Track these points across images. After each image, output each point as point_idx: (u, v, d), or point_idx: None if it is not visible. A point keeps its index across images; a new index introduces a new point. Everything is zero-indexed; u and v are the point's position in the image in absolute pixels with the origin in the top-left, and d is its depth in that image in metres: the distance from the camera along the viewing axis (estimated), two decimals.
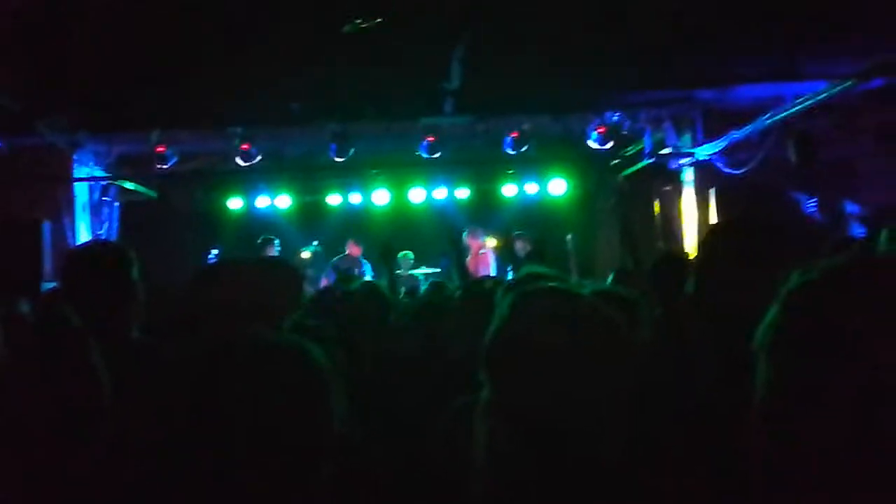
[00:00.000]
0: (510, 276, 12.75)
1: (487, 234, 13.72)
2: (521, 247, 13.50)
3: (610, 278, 7.19)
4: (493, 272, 12.91)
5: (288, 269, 3.13)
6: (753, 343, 1.31)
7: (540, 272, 3.43)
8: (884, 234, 3.83)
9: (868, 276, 1.23)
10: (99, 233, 11.93)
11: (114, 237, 12.09)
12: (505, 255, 13.53)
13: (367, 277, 11.46)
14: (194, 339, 2.56)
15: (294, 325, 2.94)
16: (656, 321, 4.09)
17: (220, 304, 2.84)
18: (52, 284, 10.30)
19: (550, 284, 2.06)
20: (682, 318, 3.54)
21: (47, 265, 10.92)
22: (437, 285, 9.04)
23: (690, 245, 11.52)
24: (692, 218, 11.63)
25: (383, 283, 8.25)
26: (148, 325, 3.54)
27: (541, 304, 1.87)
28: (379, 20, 6.62)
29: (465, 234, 13.29)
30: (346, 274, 10.13)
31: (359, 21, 6.65)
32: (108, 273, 3.42)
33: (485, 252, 13.25)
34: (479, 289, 4.69)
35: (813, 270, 1.27)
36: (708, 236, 2.70)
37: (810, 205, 10.07)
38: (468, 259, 13.17)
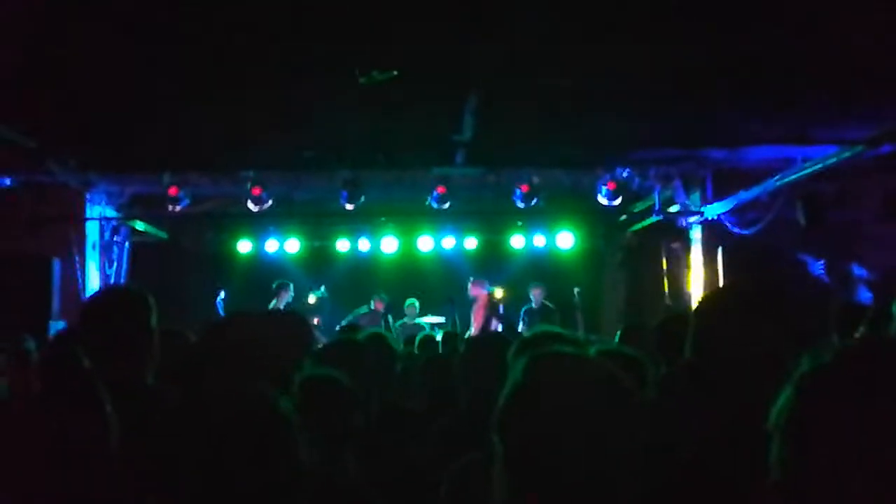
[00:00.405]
0: (521, 326, 12.79)
1: (494, 286, 13.76)
2: (536, 296, 13.55)
3: (617, 336, 7.21)
4: (500, 324, 12.91)
5: (298, 321, 3.16)
6: (767, 422, 1.34)
7: (552, 331, 3.46)
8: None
9: (879, 362, 1.26)
10: (108, 272, 11.98)
11: (123, 277, 12.15)
12: (511, 305, 13.57)
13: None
14: (197, 390, 2.60)
15: (305, 376, 2.97)
16: (661, 381, 4.11)
17: (229, 356, 2.87)
18: (60, 323, 10.37)
19: (562, 348, 2.10)
20: (681, 378, 3.56)
21: (56, 303, 10.98)
22: (450, 336, 9.06)
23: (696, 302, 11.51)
24: (699, 276, 11.64)
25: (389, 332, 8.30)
26: (161, 370, 3.56)
27: (554, 369, 1.92)
28: (395, 72, 6.70)
29: (469, 284, 13.34)
30: (352, 324, 10.16)
31: (375, 73, 6.73)
32: (128, 319, 3.44)
33: (493, 303, 13.25)
34: (487, 344, 4.71)
35: (825, 353, 1.30)
36: (705, 300, 2.72)
37: (818, 267, 10.08)
38: (473, 308, 13.20)
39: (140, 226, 12.85)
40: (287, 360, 2.94)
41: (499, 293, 14.14)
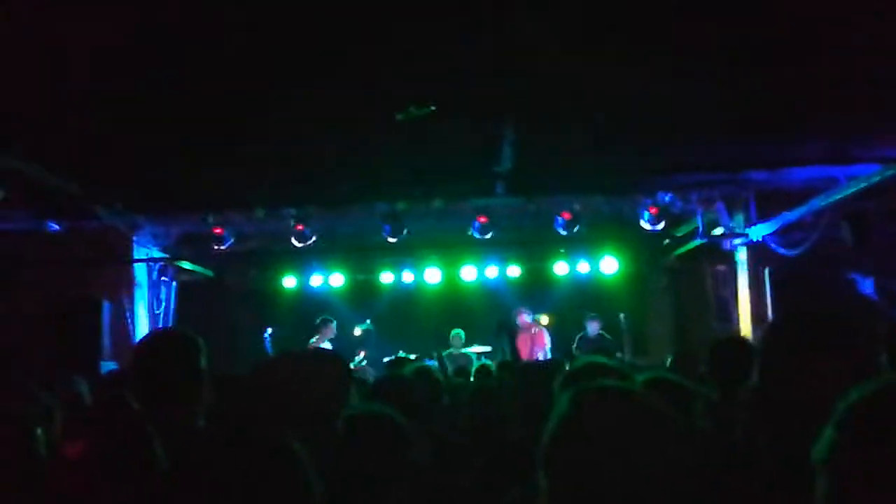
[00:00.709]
0: (574, 355, 12.74)
1: (539, 313, 13.75)
2: (593, 328, 13.50)
3: (668, 361, 7.17)
4: (548, 350, 12.89)
5: (337, 361, 3.19)
6: (812, 456, 1.35)
7: (598, 361, 3.46)
8: None
9: None
10: (157, 312, 12.13)
11: (171, 316, 12.29)
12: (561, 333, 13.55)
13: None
14: (240, 434, 2.64)
15: (353, 413, 2.99)
16: (713, 408, 4.08)
17: (271, 400, 2.91)
18: (111, 364, 10.50)
19: (609, 382, 2.10)
20: (744, 410, 3.53)
21: (107, 344, 11.13)
22: (484, 369, 9.05)
23: (745, 326, 11.42)
24: (746, 298, 11.55)
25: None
26: (213, 412, 3.60)
27: (599, 404, 1.93)
28: (432, 108, 6.76)
29: (514, 314, 13.35)
30: (399, 359, 10.18)
31: (412, 109, 6.79)
32: (178, 362, 3.49)
33: (539, 330, 13.24)
34: (534, 374, 4.71)
35: (867, 387, 1.31)
36: (774, 327, 2.70)
37: (866, 286, 9.97)
38: (519, 337, 13.18)
39: (186, 265, 13.00)
40: (328, 400, 2.96)
41: (544, 320, 14.13)
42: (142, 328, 11.66)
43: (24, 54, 5.75)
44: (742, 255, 11.73)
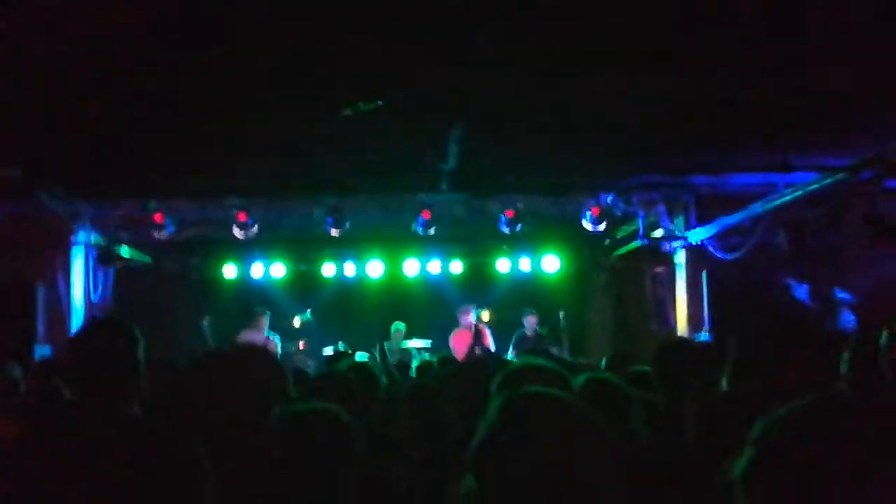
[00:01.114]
0: (511, 352, 12.80)
1: (481, 309, 13.78)
2: (530, 323, 13.55)
3: (603, 362, 7.24)
4: (491, 347, 12.91)
5: (269, 362, 3.18)
6: (729, 475, 1.38)
7: (538, 364, 3.48)
8: (884, 336, 3.82)
9: (830, 421, 1.30)
10: (93, 298, 11.95)
11: (108, 302, 12.11)
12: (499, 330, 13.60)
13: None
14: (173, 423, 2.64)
15: (298, 410, 2.99)
16: (654, 412, 4.12)
17: (206, 397, 2.90)
18: (45, 348, 10.35)
19: (538, 389, 2.11)
20: (695, 414, 3.58)
21: (41, 329, 10.96)
22: (425, 365, 9.07)
23: (682, 328, 11.57)
24: (683, 301, 11.70)
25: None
26: (147, 399, 3.60)
27: (529, 412, 1.93)
28: (380, 103, 6.75)
29: (458, 311, 13.38)
30: (337, 353, 10.16)
31: (360, 104, 6.78)
32: (115, 352, 3.49)
33: (482, 328, 13.24)
34: (471, 372, 4.72)
35: (782, 412, 1.34)
36: (747, 332, 2.71)
37: (802, 291, 10.16)
38: (453, 333, 13.23)
39: (125, 251, 12.82)
40: (260, 397, 2.94)
41: (486, 316, 14.17)
42: (78, 313, 11.49)
43: None
44: (681, 258, 11.88)
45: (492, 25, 5.52)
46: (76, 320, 11.41)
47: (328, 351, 13.59)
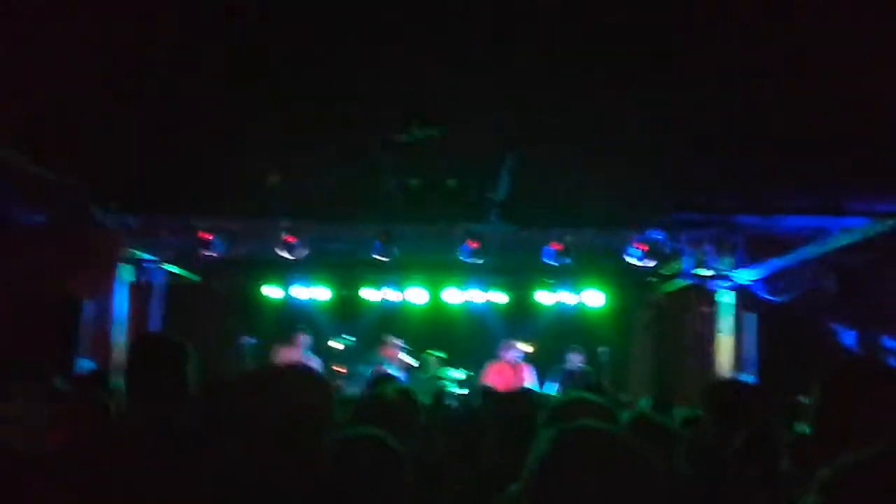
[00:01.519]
0: (557, 387, 12.69)
1: (522, 341, 13.71)
2: (574, 361, 13.39)
3: (650, 403, 7.20)
4: (531, 383, 12.74)
5: (319, 378, 3.17)
6: None
7: (586, 398, 3.47)
8: None
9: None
10: (141, 314, 12.10)
11: (156, 319, 12.26)
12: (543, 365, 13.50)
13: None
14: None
15: (346, 437, 3.00)
16: (699, 450, 4.09)
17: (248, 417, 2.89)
18: (87, 362, 10.47)
19: (590, 423, 2.12)
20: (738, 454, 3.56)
21: (84, 342, 11.08)
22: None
23: (724, 369, 11.46)
24: (729, 341, 11.60)
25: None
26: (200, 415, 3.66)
27: (581, 446, 1.95)
28: (435, 131, 6.80)
29: (499, 345, 13.31)
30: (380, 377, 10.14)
31: (415, 131, 6.83)
32: (168, 367, 3.58)
33: (519, 363, 13.13)
34: (514, 404, 4.73)
35: (850, 459, 1.33)
36: (832, 380, 2.66)
37: (849, 337, 10.03)
38: (491, 366, 13.12)
39: (173, 269, 12.97)
40: (311, 418, 2.93)
41: (528, 348, 14.07)
42: (121, 329, 11.63)
43: (25, 47, 5.76)
44: (726, 298, 11.79)
45: (550, 55, 5.54)
46: (120, 336, 11.55)
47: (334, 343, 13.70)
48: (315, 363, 12.73)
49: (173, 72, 6.12)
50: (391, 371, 12.19)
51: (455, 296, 14.90)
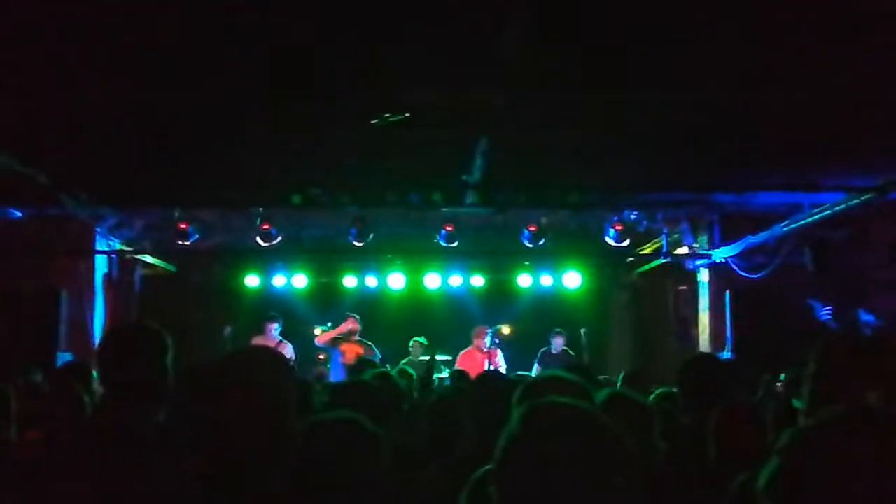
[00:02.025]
0: (536, 368, 12.69)
1: (500, 324, 13.69)
2: (557, 344, 13.37)
3: (619, 379, 7.21)
4: (502, 368, 12.68)
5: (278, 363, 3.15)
6: (756, 487, 1.37)
7: (560, 376, 3.45)
8: None
9: (858, 433, 1.28)
10: (117, 305, 12.03)
11: (131, 309, 12.18)
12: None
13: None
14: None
15: (321, 419, 2.99)
16: (676, 426, 4.10)
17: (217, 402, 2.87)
18: (66, 355, 10.41)
19: (560, 399, 2.09)
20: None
21: (63, 335, 11.02)
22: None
23: (704, 346, 11.51)
24: (706, 319, 11.65)
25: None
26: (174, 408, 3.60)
27: (550, 421, 1.92)
28: (407, 114, 6.77)
29: (472, 331, 13.27)
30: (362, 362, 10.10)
31: (387, 115, 6.80)
32: (144, 358, 3.48)
33: (492, 349, 13.07)
34: (492, 386, 4.72)
35: (810, 423, 1.32)
36: (825, 354, 2.65)
37: (825, 312, 10.09)
38: (463, 353, 13.09)
39: (149, 259, 12.89)
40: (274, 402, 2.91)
41: (505, 330, 14.07)
42: (100, 321, 11.56)
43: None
44: (704, 276, 11.84)
45: (518, 40, 5.52)
46: (98, 327, 11.48)
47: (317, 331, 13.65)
48: (288, 349, 12.69)
49: (144, 61, 6.06)
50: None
51: (434, 281, 14.88)
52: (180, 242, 11.15)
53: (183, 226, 10.97)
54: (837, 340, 2.79)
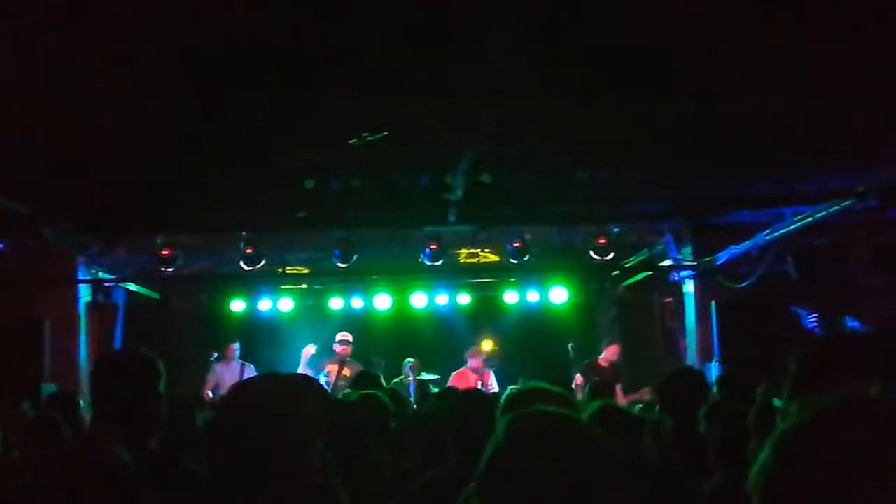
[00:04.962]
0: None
1: (484, 338, 13.66)
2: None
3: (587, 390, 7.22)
4: (494, 389, 12.56)
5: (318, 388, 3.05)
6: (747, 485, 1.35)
7: (543, 387, 3.45)
8: None
9: (854, 425, 1.27)
10: (102, 334, 11.96)
11: (117, 338, 12.12)
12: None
13: None
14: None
15: None
16: (669, 438, 4.11)
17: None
18: (51, 386, 10.32)
19: (546, 409, 2.07)
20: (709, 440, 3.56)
21: (47, 365, 10.93)
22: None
23: (692, 358, 11.51)
24: (693, 330, 11.65)
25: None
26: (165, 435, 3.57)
27: (534, 431, 1.89)
28: (385, 133, 6.76)
29: (467, 351, 13.23)
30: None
31: (365, 134, 6.79)
32: (137, 384, 3.45)
33: (485, 371, 13.00)
34: (471, 402, 4.71)
35: (802, 415, 1.31)
36: (806, 358, 2.65)
37: (810, 320, 10.12)
38: (455, 373, 13.02)
39: (133, 287, 12.83)
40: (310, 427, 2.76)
41: (487, 346, 13.98)
42: (85, 350, 11.49)
43: None
44: (689, 287, 11.85)
45: (498, 54, 5.52)
46: (83, 356, 11.40)
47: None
48: (249, 371, 12.64)
49: (123, 88, 6.04)
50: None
51: (420, 300, 14.85)
52: (163, 269, 11.09)
53: (166, 252, 10.91)
54: (818, 345, 2.80)
